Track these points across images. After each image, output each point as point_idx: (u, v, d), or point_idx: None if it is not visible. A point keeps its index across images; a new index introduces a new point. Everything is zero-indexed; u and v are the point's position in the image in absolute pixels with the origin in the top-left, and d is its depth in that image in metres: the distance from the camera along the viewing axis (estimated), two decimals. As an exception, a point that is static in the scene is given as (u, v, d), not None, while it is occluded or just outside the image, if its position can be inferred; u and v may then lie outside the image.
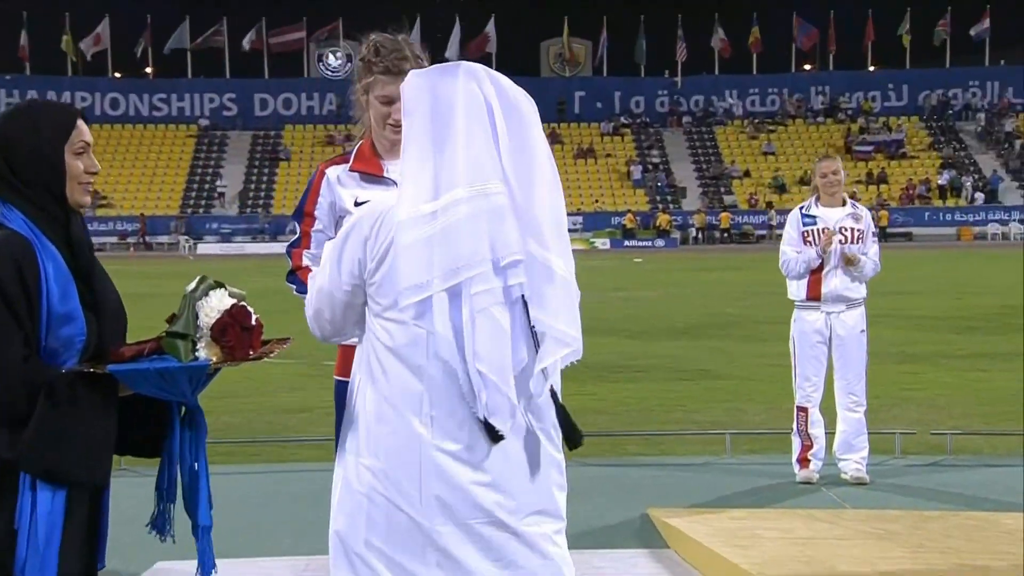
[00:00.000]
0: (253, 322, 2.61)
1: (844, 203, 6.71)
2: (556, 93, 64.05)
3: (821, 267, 6.64)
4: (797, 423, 6.72)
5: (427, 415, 2.55)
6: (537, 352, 2.59)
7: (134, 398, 2.61)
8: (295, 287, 3.77)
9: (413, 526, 2.53)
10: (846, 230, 6.63)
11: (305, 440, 7.99)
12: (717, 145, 62.45)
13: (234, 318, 2.58)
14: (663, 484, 6.63)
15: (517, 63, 64.86)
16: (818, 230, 6.67)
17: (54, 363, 2.57)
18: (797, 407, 6.73)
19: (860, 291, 6.69)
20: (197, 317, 2.59)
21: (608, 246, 51.59)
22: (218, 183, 59.52)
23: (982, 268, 29.02)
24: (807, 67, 69.10)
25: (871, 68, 66.46)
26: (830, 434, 6.83)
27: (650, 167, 60.62)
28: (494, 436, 2.54)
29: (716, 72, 66.04)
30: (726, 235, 53.46)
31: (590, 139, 62.73)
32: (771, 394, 10.23)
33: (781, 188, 57.64)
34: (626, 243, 52.05)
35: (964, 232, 53.40)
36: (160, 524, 2.77)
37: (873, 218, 6.88)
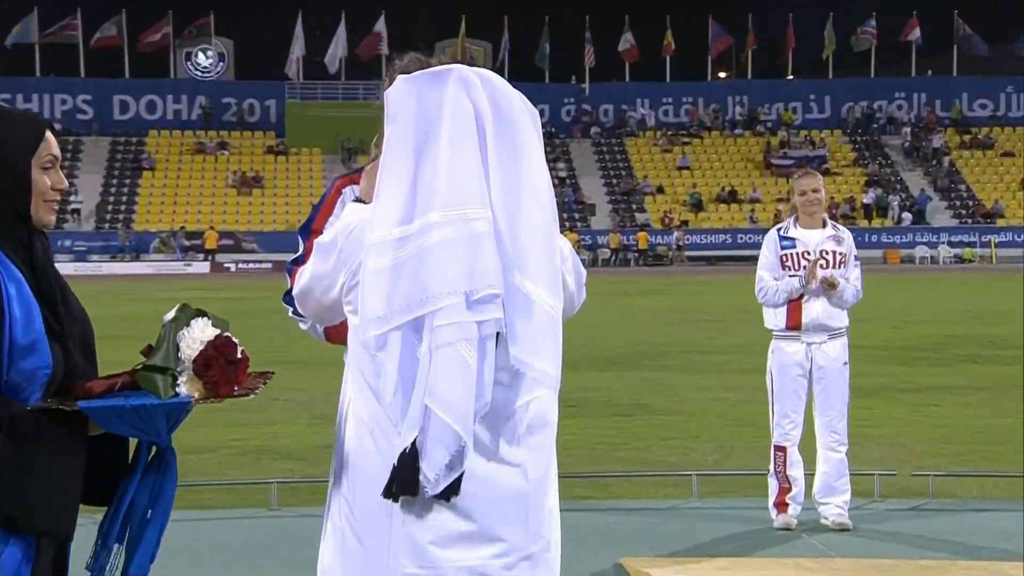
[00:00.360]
0: (239, 355, 2.59)
1: (824, 224, 6.81)
2: (453, 99, 64.18)
3: (801, 294, 6.71)
4: (774, 464, 6.78)
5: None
6: (516, 391, 2.64)
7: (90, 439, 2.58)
8: (291, 309, 3.78)
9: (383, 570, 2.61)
10: (827, 253, 6.72)
11: (214, 484, 7.79)
12: (628, 158, 63.27)
13: (219, 350, 2.56)
14: (630, 531, 6.62)
15: (409, 66, 64.95)
16: (797, 253, 6.75)
17: (16, 399, 2.53)
18: (775, 446, 6.79)
19: (842, 319, 6.79)
20: (178, 349, 2.56)
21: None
22: (72, 196, 58.14)
23: (915, 294, 29.84)
24: (722, 75, 70.54)
25: (790, 77, 68.15)
26: (809, 475, 6.90)
27: (556, 181, 60.99)
28: (406, 486, 2.55)
29: (627, 79, 66.98)
30: (639, 257, 54.12)
31: (490, 150, 62.95)
32: (719, 431, 10.34)
33: (697, 205, 58.57)
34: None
35: (890, 255, 54.92)
36: (96, 570, 2.68)
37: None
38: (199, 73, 65.17)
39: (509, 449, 2.65)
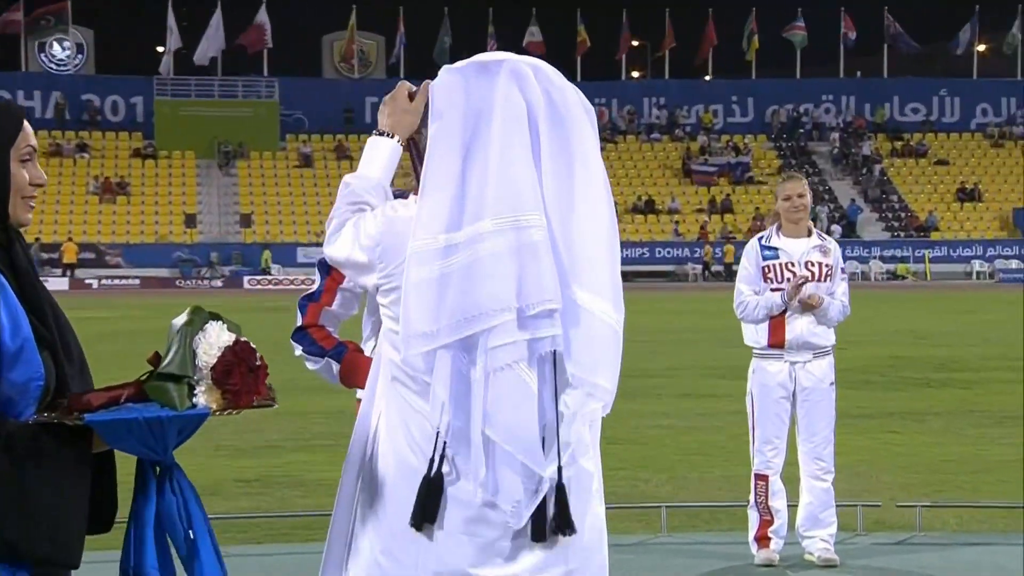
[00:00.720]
0: (258, 361, 2.60)
1: (810, 233, 6.89)
2: (342, 98, 64.08)
3: (784, 309, 6.77)
4: (755, 494, 6.83)
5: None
6: (570, 412, 2.69)
7: None
8: (302, 347, 3.83)
9: None
10: (812, 265, 6.79)
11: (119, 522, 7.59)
12: (537, 164, 63.68)
13: (238, 356, 2.57)
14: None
15: (294, 61, 64.65)
16: (781, 264, 6.81)
17: (8, 415, 2.53)
18: (755, 475, 6.84)
19: (829, 336, 6.87)
20: (195, 356, 2.57)
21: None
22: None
23: (852, 313, 30.44)
24: (635, 74, 71.34)
25: (709, 77, 69.20)
26: (792, 506, 6.97)
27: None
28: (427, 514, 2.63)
29: (534, 78, 67.35)
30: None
31: (384, 155, 62.92)
32: (666, 460, 10.43)
33: (613, 216, 59.09)
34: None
35: (820, 270, 55.96)
36: None
37: (719, 254, 7.07)
38: (54, 66, 63.95)
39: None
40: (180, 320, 2.63)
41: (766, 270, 6.82)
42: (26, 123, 2.68)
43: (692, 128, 66.31)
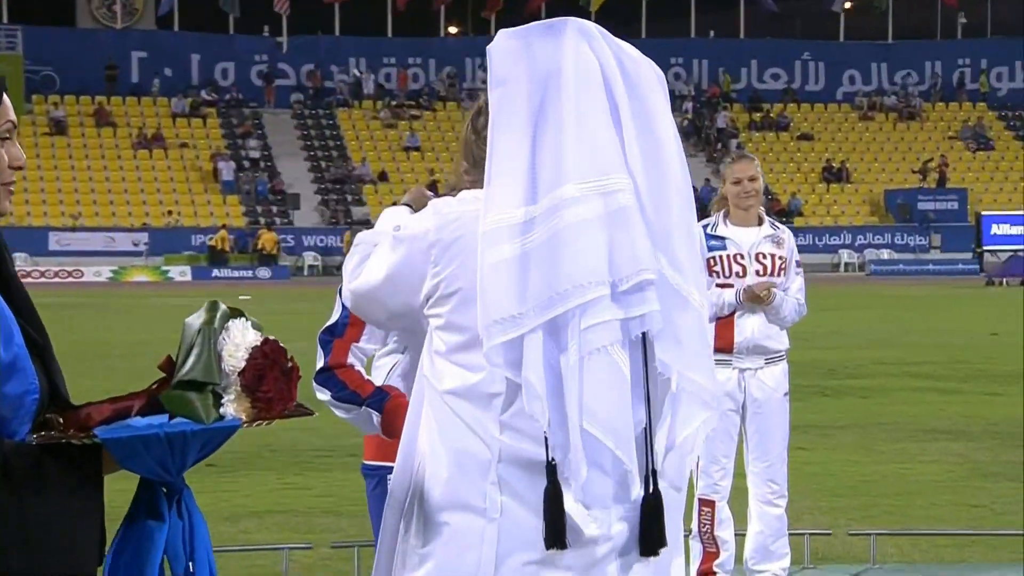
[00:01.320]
0: (290, 362, 2.63)
1: (761, 221, 7.04)
2: (103, 53, 62.82)
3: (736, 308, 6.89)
4: (699, 522, 6.93)
5: (494, 504, 2.69)
6: (660, 411, 2.75)
7: None
8: (330, 393, 3.84)
9: None
10: (764, 257, 6.94)
11: None
12: (341, 135, 63.39)
13: (269, 358, 2.59)
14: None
15: (41, 6, 62.91)
16: (729, 256, 6.93)
17: (2, 435, 2.55)
18: (700, 500, 6.94)
19: (782, 340, 7.02)
20: (220, 359, 2.58)
21: (188, 276, 51.31)
22: None
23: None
24: (453, 30, 71.53)
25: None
26: (740, 535, 7.10)
27: (246, 164, 60.50)
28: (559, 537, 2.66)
29: (336, 32, 67.02)
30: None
31: (156, 121, 61.90)
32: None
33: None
34: (215, 273, 52.15)
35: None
36: None
37: None
38: None
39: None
40: (197, 319, 2.63)
41: (711, 262, 6.92)
42: (5, 96, 2.66)
43: (522, 94, 66.82)
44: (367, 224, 56.63)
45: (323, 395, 3.88)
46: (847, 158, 65.17)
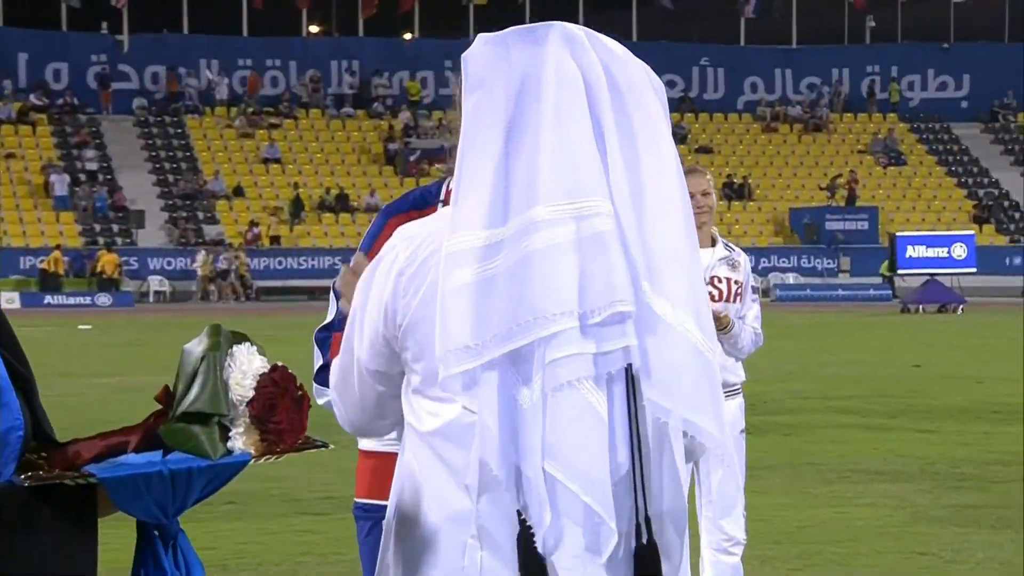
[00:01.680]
0: (299, 391, 2.67)
1: (714, 242, 7.10)
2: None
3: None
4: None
5: (473, 556, 2.72)
6: (653, 455, 2.77)
7: None
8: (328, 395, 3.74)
9: None
10: (720, 281, 7.01)
11: None
12: (191, 145, 63.18)
13: (279, 385, 2.62)
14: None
15: None
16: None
17: None
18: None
19: (738, 372, 7.08)
20: (227, 388, 2.61)
21: (16, 303, 50.79)
22: None
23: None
24: (315, 29, 71.43)
25: (411, 36, 69.89)
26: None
27: (82, 177, 59.94)
28: None
29: (185, 30, 66.73)
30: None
31: (-19, 128, 61.17)
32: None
33: (296, 214, 59.03)
34: (48, 299, 52.06)
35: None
36: None
37: None
38: None
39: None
40: (198, 345, 2.66)
41: None
42: None
43: (394, 101, 66.90)
44: (220, 244, 56.56)
45: (323, 398, 3.82)
46: (749, 173, 65.99)
